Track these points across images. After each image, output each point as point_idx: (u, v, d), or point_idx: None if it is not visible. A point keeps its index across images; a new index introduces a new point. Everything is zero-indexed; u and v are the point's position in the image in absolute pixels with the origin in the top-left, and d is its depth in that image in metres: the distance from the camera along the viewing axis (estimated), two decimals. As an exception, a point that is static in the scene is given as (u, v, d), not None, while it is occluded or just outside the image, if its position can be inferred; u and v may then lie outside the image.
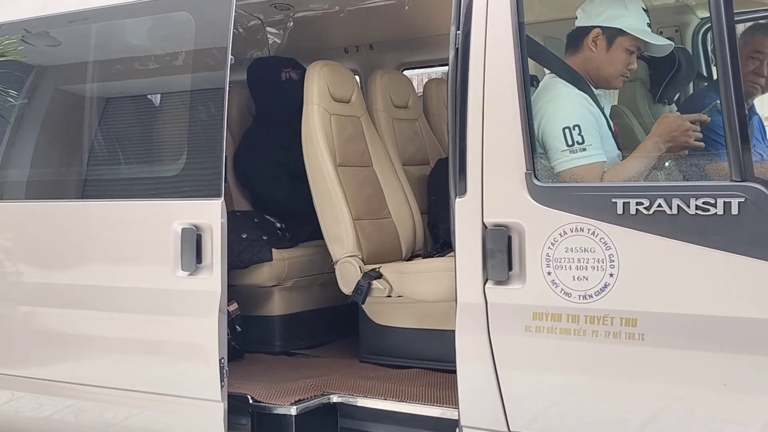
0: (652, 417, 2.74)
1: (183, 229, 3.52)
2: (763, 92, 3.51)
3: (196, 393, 3.57)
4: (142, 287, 3.69)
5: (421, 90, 5.53)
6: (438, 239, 4.65)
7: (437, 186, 4.71)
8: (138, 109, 4.13)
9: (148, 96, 4.15)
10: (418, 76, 6.67)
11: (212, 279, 3.48)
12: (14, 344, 4.11)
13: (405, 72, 5.57)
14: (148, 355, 3.74)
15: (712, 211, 2.55)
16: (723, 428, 2.66)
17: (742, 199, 2.52)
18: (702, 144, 2.92)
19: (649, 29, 3.17)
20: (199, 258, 3.49)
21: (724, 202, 2.53)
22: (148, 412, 3.76)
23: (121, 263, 3.77)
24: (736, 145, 2.52)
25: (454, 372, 3.05)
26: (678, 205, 2.60)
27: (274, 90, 4.88)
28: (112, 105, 4.17)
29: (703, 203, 2.57)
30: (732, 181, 2.54)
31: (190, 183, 3.69)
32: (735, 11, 2.55)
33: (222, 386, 3.47)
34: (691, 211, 2.59)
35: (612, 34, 3.17)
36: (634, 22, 3.15)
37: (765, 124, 3.54)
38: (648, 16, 3.17)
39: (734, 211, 2.52)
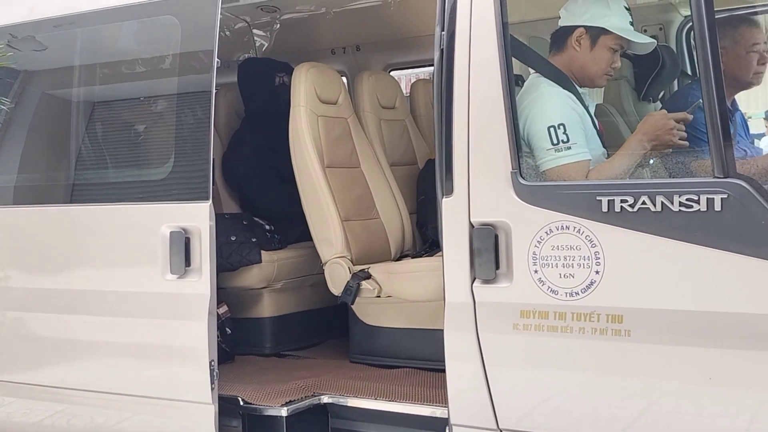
0: (641, 412, 2.76)
1: (171, 233, 3.53)
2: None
3: (186, 396, 3.57)
4: (131, 291, 3.69)
5: (409, 90, 5.55)
6: (427, 239, 4.67)
7: (426, 186, 4.72)
8: (125, 113, 4.13)
9: (135, 100, 4.15)
10: (406, 77, 6.69)
11: (201, 282, 3.48)
12: (4, 349, 4.11)
13: (392, 73, 5.58)
14: (138, 358, 3.74)
15: (696, 207, 2.58)
16: (711, 423, 2.67)
17: (725, 196, 2.54)
18: (686, 143, 2.94)
19: (631, 28, 3.20)
20: (187, 261, 3.50)
21: (707, 198, 2.56)
22: (139, 416, 3.76)
23: (110, 267, 3.77)
24: (718, 141, 2.55)
25: (444, 371, 3.06)
26: (662, 202, 2.62)
27: (266, 94, 4.88)
28: (99, 109, 4.17)
29: (687, 200, 2.59)
30: (715, 177, 2.57)
31: (178, 186, 3.69)
32: (716, 9, 2.58)
33: (212, 389, 3.48)
34: (675, 207, 2.61)
35: (596, 33, 3.18)
36: (618, 21, 3.17)
37: (747, 120, 3.56)
38: (630, 14, 3.20)
39: (717, 207, 2.55)
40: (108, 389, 3.80)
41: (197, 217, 3.49)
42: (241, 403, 3.67)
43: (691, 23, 4.16)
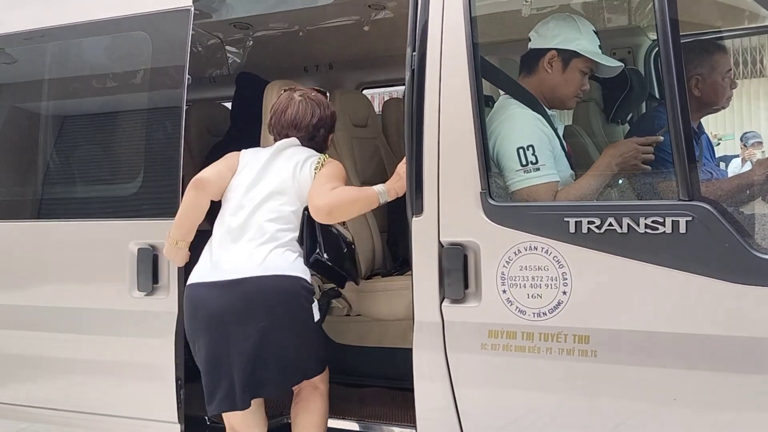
0: (609, 433, 2.78)
1: (139, 249, 3.50)
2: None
3: (152, 415, 3.54)
4: (98, 308, 3.66)
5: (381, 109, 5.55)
6: (397, 258, 4.66)
7: (397, 204, 4.71)
8: (95, 128, 4.10)
9: (105, 115, 4.12)
10: (379, 95, 6.71)
11: (169, 299, 3.46)
12: (-32, 367, 4.05)
13: (365, 91, 5.59)
14: (104, 376, 3.70)
15: (661, 229, 2.61)
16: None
17: (690, 218, 2.58)
18: (649, 167, 2.97)
19: (600, 51, 3.24)
20: (155, 278, 3.48)
21: (672, 220, 2.59)
22: (104, 435, 3.73)
23: (77, 284, 3.73)
24: (683, 164, 2.59)
25: (413, 390, 3.05)
26: (628, 224, 2.65)
27: (255, 113, 4.86)
28: (68, 124, 4.14)
29: (653, 222, 2.62)
30: (680, 200, 2.60)
31: (146, 202, 3.67)
32: (681, 33, 2.62)
33: (179, 408, 3.45)
34: (641, 229, 2.64)
35: (568, 56, 3.21)
36: (588, 45, 3.21)
37: (714, 143, 3.60)
38: (599, 38, 3.24)
39: (682, 229, 2.58)
40: (73, 407, 3.76)
41: (166, 233, 3.47)
42: (208, 423, 3.64)
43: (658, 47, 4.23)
